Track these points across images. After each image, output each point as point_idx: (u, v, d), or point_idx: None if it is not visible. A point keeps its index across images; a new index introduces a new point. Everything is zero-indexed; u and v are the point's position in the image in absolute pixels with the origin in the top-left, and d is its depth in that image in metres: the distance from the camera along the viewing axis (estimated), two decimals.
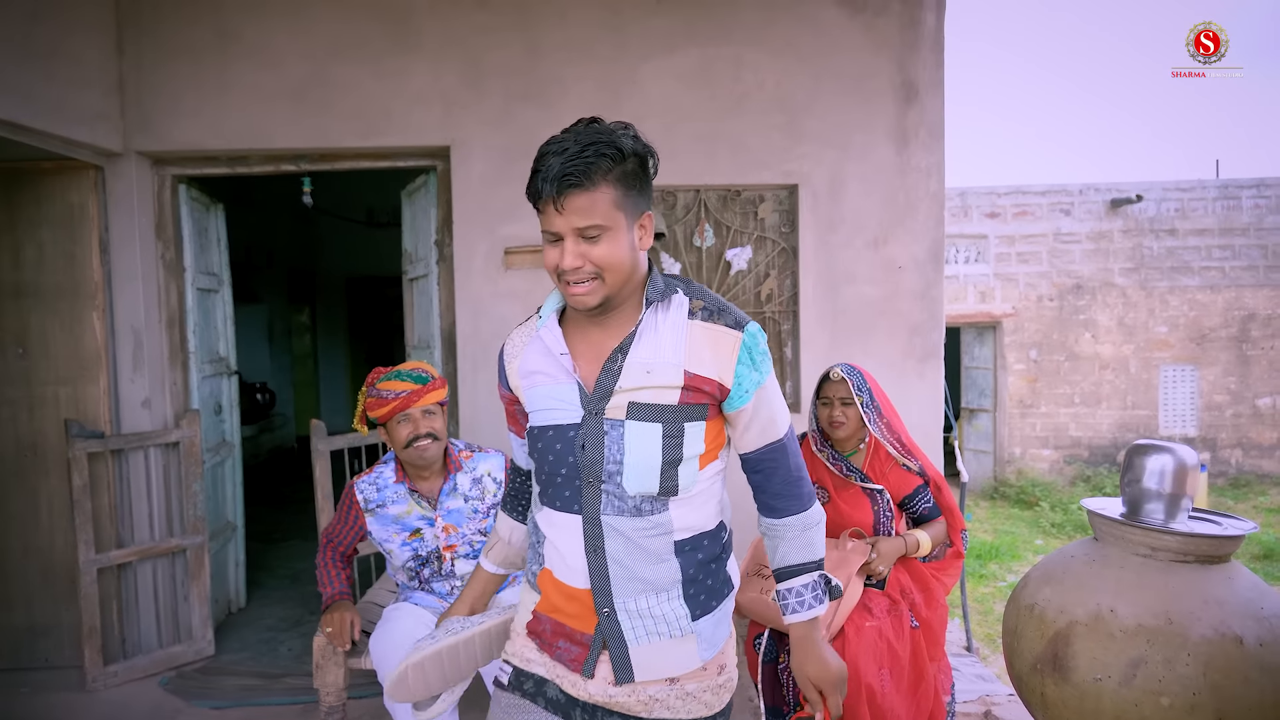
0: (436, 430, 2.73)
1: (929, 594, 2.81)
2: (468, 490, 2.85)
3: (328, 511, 3.82)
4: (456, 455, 2.85)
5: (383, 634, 2.65)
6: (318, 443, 3.75)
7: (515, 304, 4.03)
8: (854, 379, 2.84)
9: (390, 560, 2.85)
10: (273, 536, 6.52)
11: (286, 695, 3.69)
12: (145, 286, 3.94)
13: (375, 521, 2.79)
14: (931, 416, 4.16)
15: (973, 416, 10.11)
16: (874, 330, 4.14)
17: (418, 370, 2.75)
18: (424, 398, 2.71)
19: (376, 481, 2.81)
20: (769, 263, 4.17)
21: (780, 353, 4.20)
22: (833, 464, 2.90)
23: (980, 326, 9.95)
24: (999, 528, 7.97)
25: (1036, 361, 9.74)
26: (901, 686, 2.58)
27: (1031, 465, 9.67)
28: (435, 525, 2.79)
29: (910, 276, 4.14)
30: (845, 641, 2.53)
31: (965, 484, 4.09)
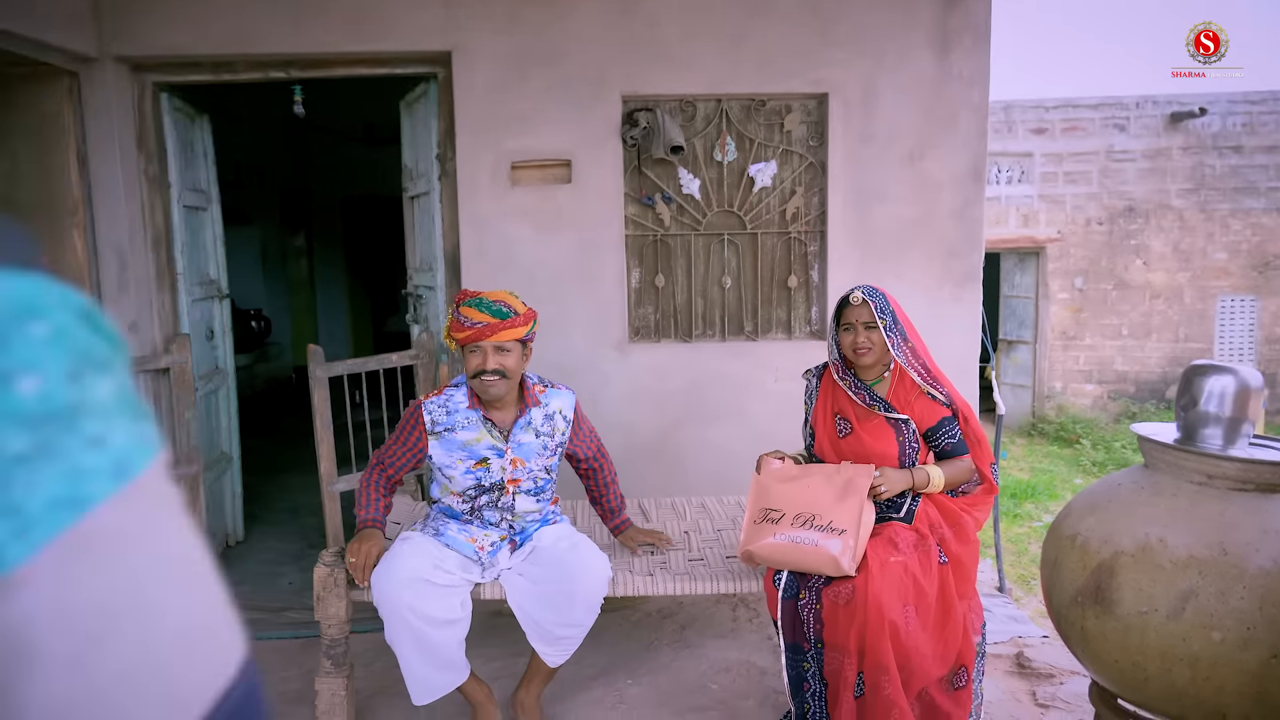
0: (507, 368, 2.77)
1: (959, 528, 2.82)
2: (540, 425, 2.91)
3: (328, 442, 3.87)
4: (532, 388, 2.91)
5: (386, 568, 2.70)
6: (316, 368, 3.78)
7: (523, 222, 4.01)
8: (876, 301, 2.82)
9: (445, 484, 2.90)
10: (271, 470, 6.62)
11: (288, 629, 3.79)
12: (128, 203, 3.94)
13: (440, 445, 2.84)
14: (967, 346, 4.15)
15: (1011, 349, 10.07)
16: (908, 252, 4.10)
17: (500, 303, 2.79)
18: (498, 333, 2.74)
19: (447, 404, 2.85)
20: (795, 179, 4.12)
21: (806, 276, 4.18)
22: (855, 393, 2.90)
23: (1022, 252, 9.84)
24: (1036, 466, 7.99)
25: (1082, 290, 9.65)
26: (928, 624, 2.61)
27: (1073, 401, 9.65)
28: (504, 457, 2.85)
29: (948, 194, 4.09)
30: (869, 577, 2.55)
31: (1002, 418, 4.08)
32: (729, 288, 4.19)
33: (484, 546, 2.90)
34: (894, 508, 2.82)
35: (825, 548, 2.63)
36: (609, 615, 3.82)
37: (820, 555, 2.63)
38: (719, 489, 4.01)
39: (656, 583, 2.97)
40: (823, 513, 2.70)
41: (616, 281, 4.08)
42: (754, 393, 4.15)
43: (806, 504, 2.74)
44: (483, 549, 2.90)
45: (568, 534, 3.00)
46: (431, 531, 2.92)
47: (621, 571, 3.03)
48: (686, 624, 3.80)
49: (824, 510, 2.70)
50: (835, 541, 2.63)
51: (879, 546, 2.66)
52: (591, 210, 4.04)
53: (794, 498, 2.78)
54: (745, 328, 4.22)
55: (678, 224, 4.15)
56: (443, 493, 2.94)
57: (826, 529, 2.66)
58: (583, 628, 2.81)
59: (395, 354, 4.09)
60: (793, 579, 2.71)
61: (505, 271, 4.02)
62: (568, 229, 4.04)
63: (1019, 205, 9.63)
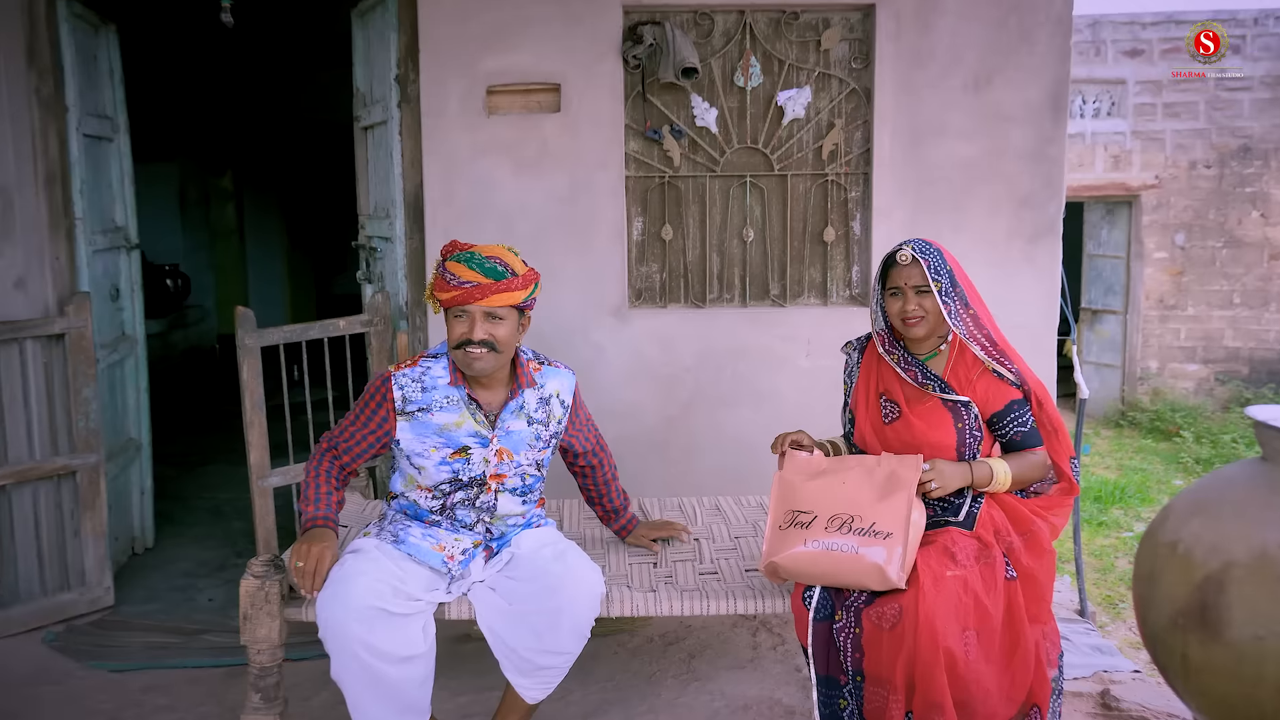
0: (498, 339, 2.75)
1: (1031, 537, 2.81)
2: (534, 411, 2.92)
3: (259, 427, 3.87)
4: (526, 365, 2.91)
5: (334, 592, 2.67)
6: (245, 336, 3.78)
7: (501, 160, 3.99)
8: (929, 259, 2.80)
9: (411, 476, 2.90)
10: (190, 460, 6.63)
11: (207, 655, 3.79)
12: (15, 129, 3.91)
13: (411, 428, 2.83)
14: (1042, 316, 4.14)
15: (1096, 320, 10.06)
16: (970, 200, 4.09)
17: (495, 259, 2.77)
18: (490, 297, 2.72)
19: (423, 379, 2.84)
20: (834, 109, 4.09)
21: (846, 228, 4.17)
22: (904, 369, 2.89)
23: (1111, 202, 9.81)
24: (1126, 463, 8.00)
25: (1184, 249, 9.62)
26: (992, 653, 2.61)
27: (1171, 384, 9.66)
28: (489, 447, 2.85)
29: (1021, 129, 4.07)
30: (920, 594, 2.55)
31: (1084, 403, 4.08)
32: (751, 242, 4.17)
33: (454, 555, 2.89)
34: (950, 510, 2.81)
35: (867, 556, 2.61)
36: (601, 640, 3.82)
37: (861, 565, 2.62)
38: (737, 487, 4.01)
39: (660, 600, 2.97)
40: (863, 513, 2.68)
41: (614, 233, 4.06)
42: (781, 370, 4.15)
43: (843, 503, 2.73)
44: (452, 558, 2.89)
45: (552, 540, 2.99)
46: (389, 538, 2.90)
47: (617, 586, 3.03)
48: (696, 652, 3.80)
49: (864, 510, 2.69)
50: (879, 548, 2.61)
51: (933, 557, 2.66)
52: (585, 146, 4.01)
53: (827, 496, 2.76)
54: (771, 291, 4.20)
55: (690, 163, 4.12)
56: (407, 485, 2.94)
57: (868, 533, 2.65)
58: (568, 656, 2.81)
59: (343, 319, 4.08)
60: (826, 597, 2.71)
61: (477, 219, 4.00)
62: (555, 168, 4.02)
63: (1108, 144, 9.59)
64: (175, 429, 7.24)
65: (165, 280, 9.69)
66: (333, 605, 2.65)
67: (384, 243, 4.37)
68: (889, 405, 2.92)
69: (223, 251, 11.21)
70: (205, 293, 10.79)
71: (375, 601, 2.64)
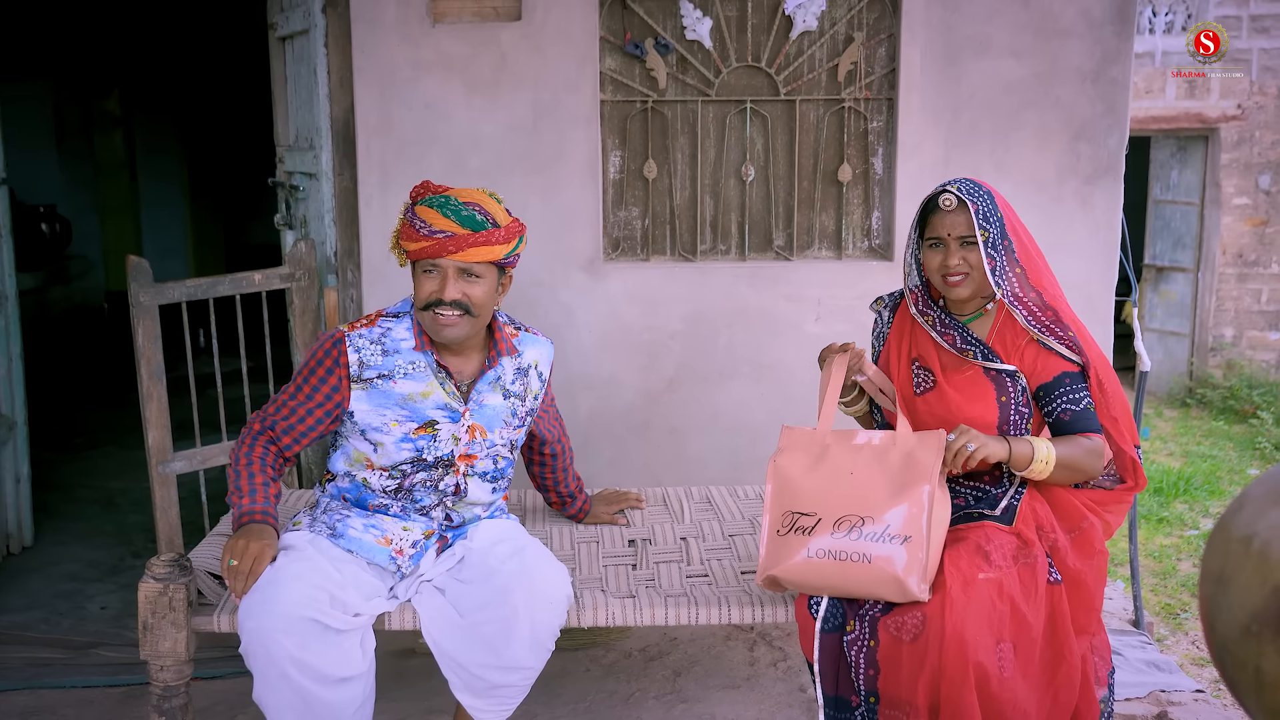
0: (473, 301, 2.81)
1: (1081, 535, 2.87)
2: (510, 383, 3.00)
3: (158, 401, 3.89)
4: (504, 330, 3.00)
5: (261, 598, 2.69)
6: (140, 291, 3.80)
7: (450, 79, 4.00)
8: (979, 203, 2.84)
9: (361, 455, 2.93)
10: (74, 442, 6.65)
11: (101, 673, 3.83)
12: None
13: (368, 398, 2.87)
14: (1100, 272, 4.18)
15: (1161, 279, 10.13)
16: (1016, 131, 4.12)
17: (474, 206, 2.82)
18: (466, 250, 2.77)
19: (384, 340, 2.89)
20: (853, 20, 4.11)
21: (865, 165, 4.20)
22: (941, 333, 2.93)
23: (1183, 137, 9.85)
24: (1192, 449, 8.09)
25: (1270, 194, 9.69)
26: (1031, 670, 2.67)
27: (1250, 356, 9.74)
28: (460, 423, 2.92)
29: (1078, 45, 4.09)
30: (946, 600, 2.58)
31: (1145, 376, 4.14)
32: (751, 181, 4.20)
33: (403, 550, 2.94)
34: (986, 500, 2.87)
35: (882, 565, 2.66)
36: (571, 655, 3.87)
37: (875, 576, 2.67)
38: (732, 476, 4.06)
39: (639, 607, 3.02)
40: (875, 512, 2.72)
41: (587, 170, 4.09)
42: (786, 336, 4.19)
43: (851, 501, 2.77)
44: (401, 553, 2.94)
45: (511, 534, 3.03)
46: (324, 530, 2.93)
47: (589, 591, 3.08)
48: (682, 669, 3.86)
49: (877, 508, 2.73)
50: (897, 551, 2.66)
51: (963, 557, 2.70)
52: (551, 62, 4.02)
53: (832, 492, 2.80)
54: (775, 241, 4.24)
55: (678, 85, 4.14)
56: (353, 465, 2.96)
57: (882, 537, 2.69)
58: (528, 672, 2.85)
59: (259, 273, 4.10)
60: (836, 605, 2.76)
61: (421, 152, 4.01)
62: (515, 90, 4.03)
63: (1181, 65, 9.62)
64: (56, 405, 7.24)
65: (40, 224, 9.63)
66: (259, 614, 2.66)
67: (307, 180, 4.38)
68: (922, 373, 2.96)
69: (110, 190, 11.13)
70: (89, 240, 10.71)
71: (310, 612, 2.66)
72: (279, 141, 4.78)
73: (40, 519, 5.21)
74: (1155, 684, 3.71)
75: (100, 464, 6.22)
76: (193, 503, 4.23)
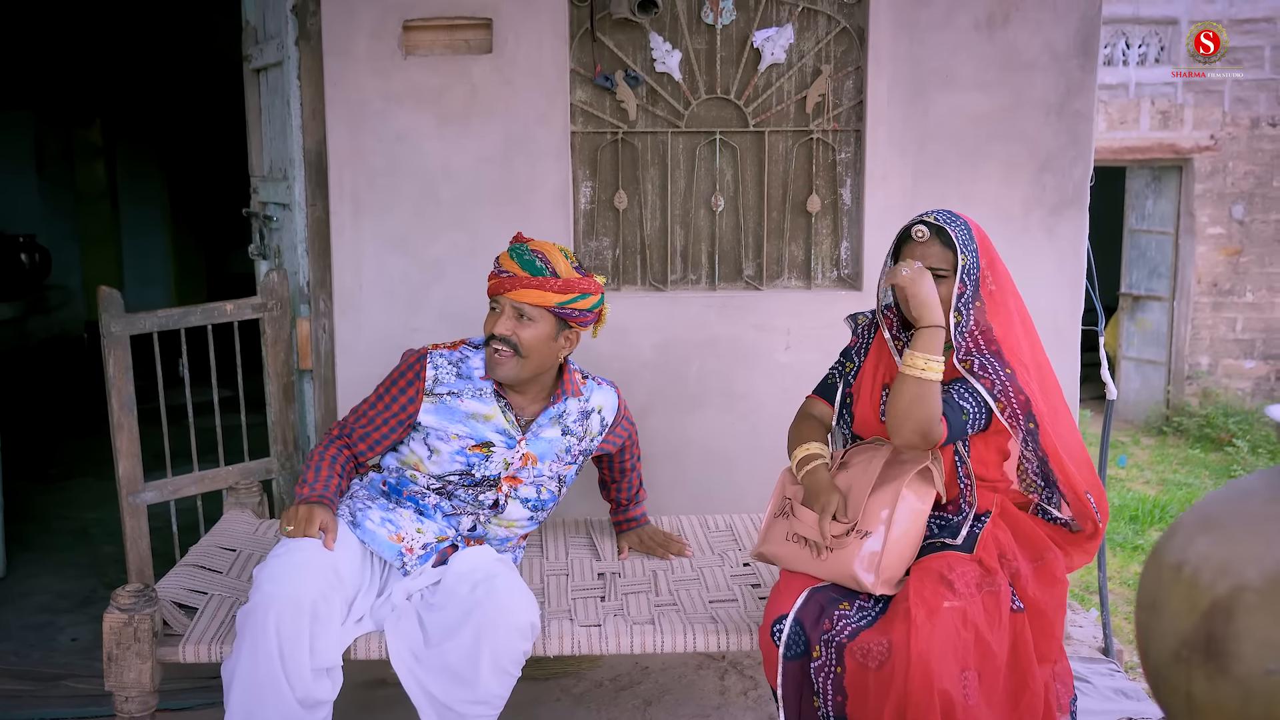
0: (521, 341, 3.04)
1: (1044, 564, 2.88)
2: (572, 422, 3.23)
3: (129, 431, 3.89)
4: (573, 375, 3.25)
5: (294, 559, 2.82)
6: (111, 322, 3.81)
7: (421, 110, 4.01)
8: (957, 231, 2.87)
9: (417, 459, 3.14)
10: (49, 472, 6.63)
11: (69, 705, 3.83)
12: None
13: (436, 411, 3.10)
14: (1066, 301, 4.20)
15: (1137, 307, 10.18)
16: (982, 163, 4.15)
17: (538, 254, 3.08)
18: (519, 290, 3.02)
19: (460, 365, 3.16)
20: (821, 53, 4.14)
21: (834, 195, 4.22)
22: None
23: (1158, 166, 9.92)
24: (1169, 477, 8.12)
25: (1244, 224, 9.74)
26: (995, 697, 2.68)
27: (1225, 383, 9.77)
28: (515, 449, 3.14)
29: (1043, 78, 4.13)
30: (912, 629, 2.60)
31: (1112, 404, 4.15)
32: (721, 212, 4.22)
33: (413, 548, 3.07)
34: (948, 530, 2.88)
35: (842, 557, 2.80)
36: (542, 685, 3.87)
37: (835, 566, 2.83)
38: (702, 505, 4.07)
39: (605, 636, 3.03)
40: (854, 503, 2.86)
41: (557, 200, 4.10)
42: (756, 365, 4.20)
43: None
44: (410, 551, 3.06)
45: (487, 561, 3.04)
46: (346, 515, 3.08)
47: (557, 620, 3.09)
48: (653, 698, 3.86)
49: (856, 500, 2.86)
50: (855, 543, 2.80)
51: (927, 585, 2.72)
52: (522, 95, 4.04)
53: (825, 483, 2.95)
54: (745, 271, 4.26)
55: (648, 117, 4.16)
56: (403, 464, 3.17)
57: (850, 527, 2.82)
58: (493, 701, 2.87)
59: (231, 303, 4.11)
60: (799, 631, 2.77)
61: (392, 183, 4.03)
62: (486, 122, 4.05)
63: (1155, 97, 9.68)
64: (33, 435, 7.22)
65: (19, 254, 9.64)
66: (285, 571, 2.81)
67: (281, 210, 4.39)
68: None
69: (91, 220, 11.14)
70: (69, 270, 10.72)
71: (317, 592, 2.80)
72: (253, 172, 4.80)
73: (15, 550, 5.21)
74: (1123, 711, 3.72)
75: (77, 494, 6.21)
76: (164, 533, 4.22)
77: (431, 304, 4.09)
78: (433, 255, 4.08)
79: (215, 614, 3.09)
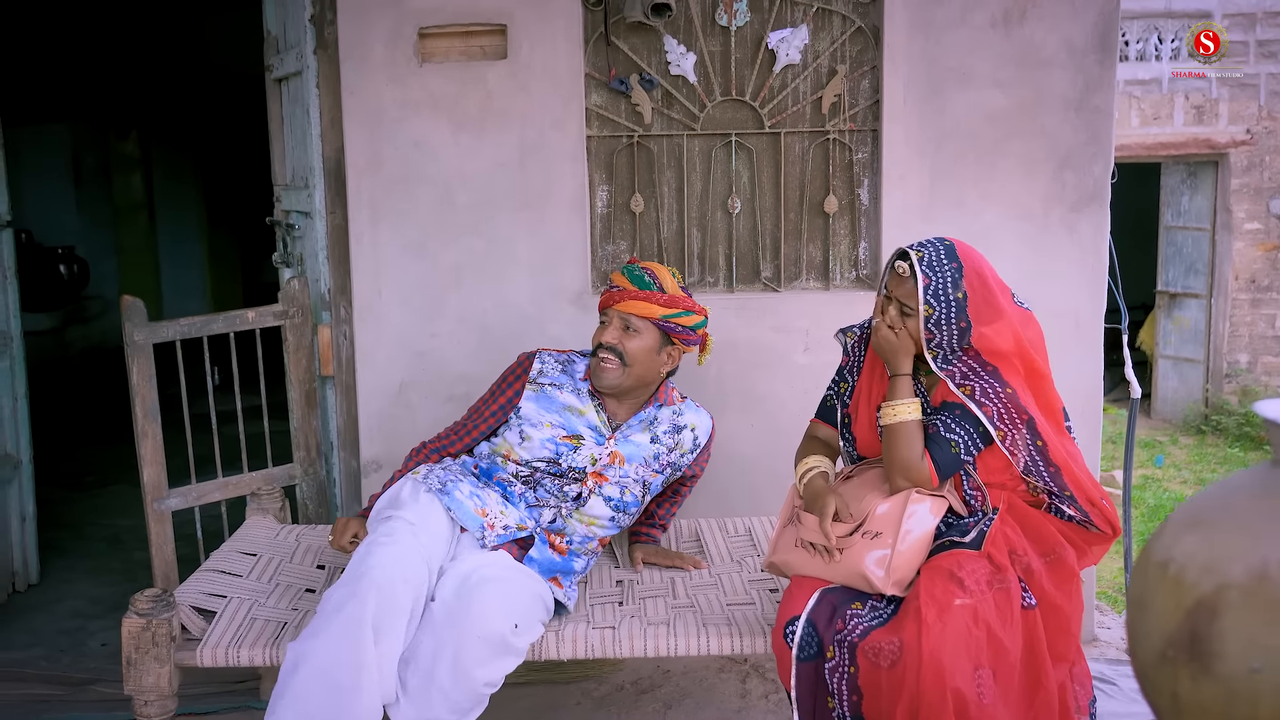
0: (627, 351, 3.22)
1: (1056, 560, 2.86)
2: (662, 432, 3.36)
3: (153, 438, 3.94)
4: (670, 391, 3.44)
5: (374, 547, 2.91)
6: (134, 330, 3.87)
7: (437, 117, 4.04)
8: (934, 276, 2.83)
9: (509, 446, 3.27)
10: (85, 480, 6.71)
11: (95, 709, 3.87)
12: None
13: (536, 399, 3.29)
14: (1088, 299, 4.17)
15: (1174, 305, 10.09)
16: (1000, 160, 4.13)
17: (647, 270, 3.28)
18: (626, 301, 3.22)
19: (566, 365, 3.38)
20: (836, 54, 4.14)
21: (851, 196, 4.21)
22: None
23: (1193, 162, 9.84)
24: (1206, 477, 8.05)
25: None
26: (1009, 695, 2.67)
27: (1265, 381, 9.69)
28: (604, 446, 3.28)
29: (1061, 75, 4.10)
30: (923, 628, 2.60)
31: (1136, 403, 4.13)
32: (738, 214, 4.22)
33: (494, 525, 3.14)
34: (956, 528, 2.88)
35: (850, 557, 2.82)
36: (563, 688, 3.89)
37: (846, 569, 2.84)
38: (722, 509, 4.06)
39: (619, 639, 3.04)
40: (863, 509, 2.88)
41: (574, 205, 4.12)
42: (775, 368, 4.20)
43: (848, 499, 2.94)
44: (492, 527, 3.13)
45: (491, 565, 3.03)
46: (435, 483, 3.17)
47: (574, 623, 3.10)
48: (674, 701, 3.87)
49: (866, 505, 2.88)
50: (864, 550, 2.81)
51: (936, 584, 2.71)
52: (537, 100, 4.05)
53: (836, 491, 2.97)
54: (762, 273, 4.26)
55: (664, 120, 4.17)
56: (495, 450, 3.32)
57: (859, 531, 2.84)
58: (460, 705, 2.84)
59: (253, 310, 4.14)
60: (812, 633, 2.77)
61: (409, 188, 4.06)
62: (502, 127, 4.07)
63: (1189, 92, 9.62)
64: (71, 444, 7.31)
65: (58, 266, 9.73)
66: (393, 562, 2.89)
67: (303, 218, 4.42)
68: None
69: (128, 231, 11.23)
70: (108, 281, 10.80)
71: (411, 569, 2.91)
72: (276, 181, 4.84)
73: (49, 557, 5.27)
74: (1148, 714, 3.68)
75: (111, 502, 6.27)
76: (190, 539, 4.25)
77: (449, 309, 4.11)
78: (450, 261, 4.10)
79: (234, 618, 3.12)
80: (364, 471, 4.19)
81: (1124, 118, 9.46)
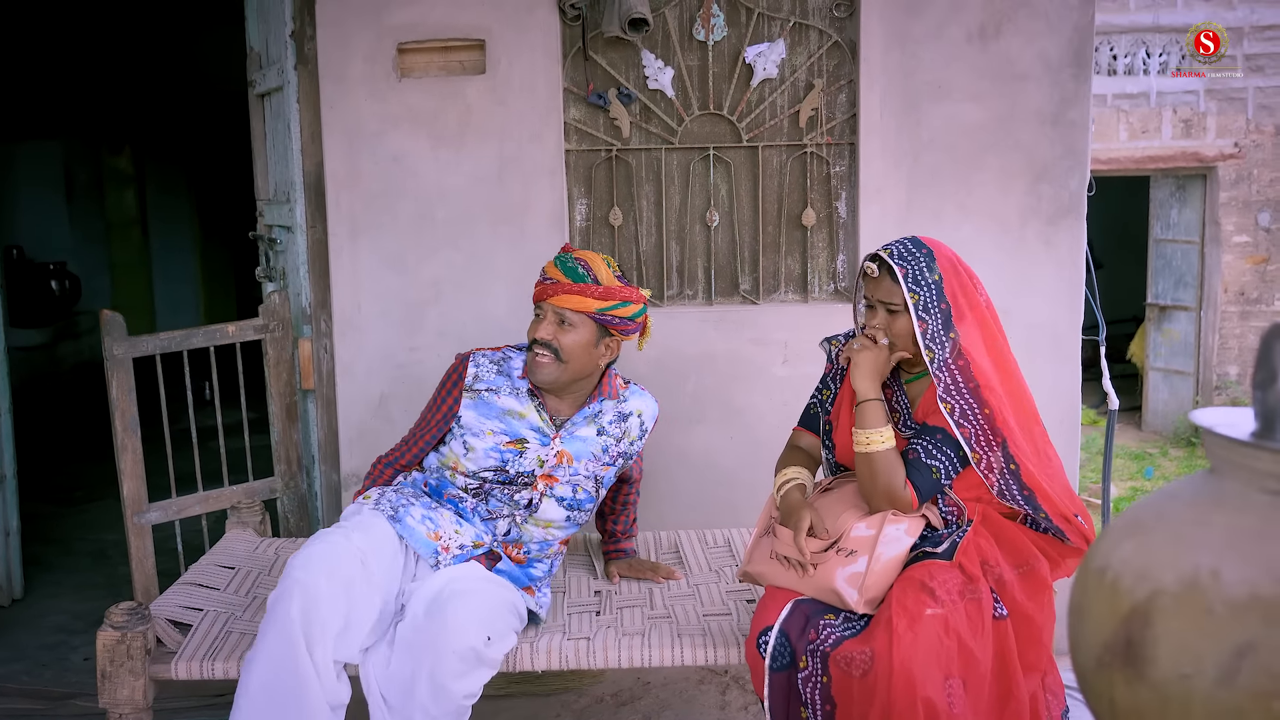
0: (562, 346, 3.11)
1: (1029, 571, 2.87)
2: (608, 423, 3.27)
3: (132, 452, 3.95)
4: (613, 379, 3.33)
5: (291, 590, 2.81)
6: (113, 345, 3.88)
7: (416, 132, 4.06)
8: (908, 267, 2.84)
9: (455, 457, 3.20)
10: (73, 495, 6.71)
11: None
12: None
13: (475, 407, 3.20)
14: (1065, 312, 4.18)
15: (1164, 317, 10.11)
16: (977, 174, 4.14)
17: (580, 261, 3.18)
18: (560, 295, 3.11)
19: (501, 364, 3.27)
20: (813, 67, 4.16)
21: (829, 209, 4.22)
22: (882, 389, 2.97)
23: (1182, 175, 9.87)
24: None
25: (1270, 231, 9.69)
26: (980, 704, 2.67)
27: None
28: (549, 447, 3.20)
29: (1037, 89, 4.11)
30: (894, 638, 2.60)
31: (1114, 414, 4.14)
32: (716, 227, 4.24)
33: (449, 548, 3.11)
34: (930, 540, 2.88)
35: (824, 573, 2.81)
36: (543, 701, 3.89)
37: (818, 584, 2.83)
38: (700, 521, 4.07)
39: (593, 650, 3.04)
40: (839, 526, 2.88)
41: (553, 219, 4.13)
42: (754, 380, 4.21)
43: (824, 515, 2.93)
44: (446, 550, 3.10)
45: (463, 579, 3.04)
46: (388, 508, 3.14)
47: (550, 634, 3.11)
48: (653, 713, 3.87)
49: (842, 523, 2.88)
50: (838, 567, 2.80)
51: (908, 594, 2.72)
52: (516, 114, 4.07)
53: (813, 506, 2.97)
54: (741, 285, 4.27)
55: (642, 134, 4.19)
56: (443, 463, 3.25)
57: (834, 548, 2.84)
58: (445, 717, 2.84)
59: (233, 324, 4.16)
60: (784, 643, 2.78)
61: (389, 202, 4.07)
62: (481, 142, 4.08)
63: (1178, 105, 9.65)
64: (62, 459, 7.31)
65: (49, 281, 9.75)
66: (316, 560, 2.86)
67: (285, 233, 4.44)
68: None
69: (121, 246, 11.24)
70: (100, 296, 10.79)
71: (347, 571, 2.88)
72: (259, 195, 4.85)
73: (35, 572, 5.28)
74: None
75: (99, 516, 6.27)
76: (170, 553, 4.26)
77: (429, 323, 4.12)
78: (429, 275, 4.12)
79: (209, 631, 3.12)
80: (345, 484, 4.20)
81: (1113, 131, 9.50)
